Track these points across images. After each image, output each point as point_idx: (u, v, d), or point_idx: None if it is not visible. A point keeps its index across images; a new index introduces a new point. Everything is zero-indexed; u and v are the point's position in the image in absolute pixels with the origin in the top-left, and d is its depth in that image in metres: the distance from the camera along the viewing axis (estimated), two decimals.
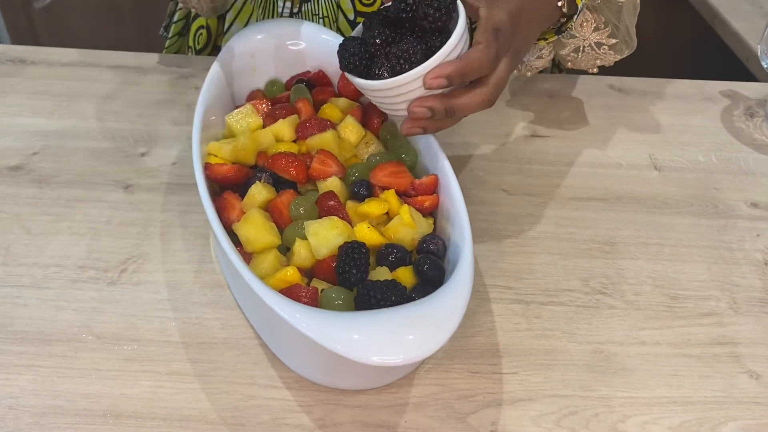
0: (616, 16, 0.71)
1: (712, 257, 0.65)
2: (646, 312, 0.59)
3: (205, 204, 0.52)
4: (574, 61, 0.74)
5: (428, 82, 0.51)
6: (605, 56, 0.72)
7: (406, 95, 0.52)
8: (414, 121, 0.53)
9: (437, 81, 0.50)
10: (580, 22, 0.70)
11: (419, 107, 0.52)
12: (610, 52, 0.72)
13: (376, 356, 0.42)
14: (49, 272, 0.59)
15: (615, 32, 0.71)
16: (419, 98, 0.52)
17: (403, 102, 0.53)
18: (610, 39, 0.71)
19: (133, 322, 0.56)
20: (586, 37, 0.71)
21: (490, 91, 0.53)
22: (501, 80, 0.53)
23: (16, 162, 0.70)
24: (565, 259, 0.63)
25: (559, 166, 0.74)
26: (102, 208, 0.65)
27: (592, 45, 0.71)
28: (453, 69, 0.51)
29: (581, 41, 0.71)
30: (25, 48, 0.87)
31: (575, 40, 0.71)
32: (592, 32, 0.71)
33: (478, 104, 0.53)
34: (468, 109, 0.53)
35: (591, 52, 0.72)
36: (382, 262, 0.52)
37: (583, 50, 0.72)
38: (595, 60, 0.73)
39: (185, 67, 0.84)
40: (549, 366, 0.55)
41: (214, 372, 0.53)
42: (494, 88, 0.53)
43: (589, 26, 0.70)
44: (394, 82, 0.51)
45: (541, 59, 0.74)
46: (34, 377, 0.51)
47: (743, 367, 0.55)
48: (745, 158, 0.77)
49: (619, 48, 0.72)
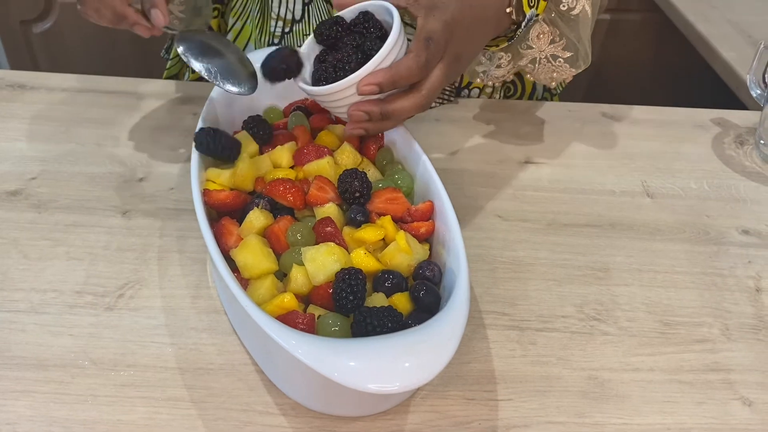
0: (571, 31, 0.73)
1: (705, 284, 0.65)
2: (639, 338, 0.60)
3: (203, 230, 0.53)
4: (532, 72, 0.76)
5: (361, 89, 0.55)
6: (561, 69, 0.75)
7: (344, 100, 0.57)
8: (354, 123, 0.58)
9: (369, 88, 0.55)
10: (537, 34, 0.72)
11: (357, 111, 0.57)
12: (565, 65, 0.74)
13: (372, 383, 0.42)
14: (47, 297, 0.59)
15: (570, 46, 0.73)
16: (357, 103, 0.57)
17: (344, 106, 0.58)
18: (565, 52, 0.73)
19: (130, 347, 0.56)
20: (543, 49, 0.73)
21: (423, 95, 0.57)
22: (434, 86, 0.57)
23: (15, 187, 0.70)
24: (559, 285, 0.64)
25: (554, 193, 0.75)
26: (100, 234, 0.66)
27: (548, 57, 0.73)
28: (383, 77, 0.55)
29: (537, 53, 0.73)
30: (24, 73, 0.88)
31: (532, 52, 0.73)
32: (548, 45, 0.73)
33: (411, 108, 0.57)
34: (403, 112, 0.57)
35: (547, 65, 0.74)
36: (378, 288, 0.52)
37: (539, 62, 0.74)
38: (552, 73, 0.75)
39: (184, 93, 0.85)
40: (544, 392, 0.55)
41: (211, 398, 0.53)
42: (427, 93, 0.57)
43: (545, 38, 0.72)
44: (330, 88, 0.56)
45: (501, 69, 0.75)
46: (31, 403, 0.51)
47: (736, 394, 0.56)
48: (736, 185, 0.78)
49: (574, 61, 0.74)
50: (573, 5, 0.71)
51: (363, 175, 0.58)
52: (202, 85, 0.89)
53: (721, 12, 1.31)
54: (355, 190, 0.57)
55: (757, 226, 0.72)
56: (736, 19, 1.28)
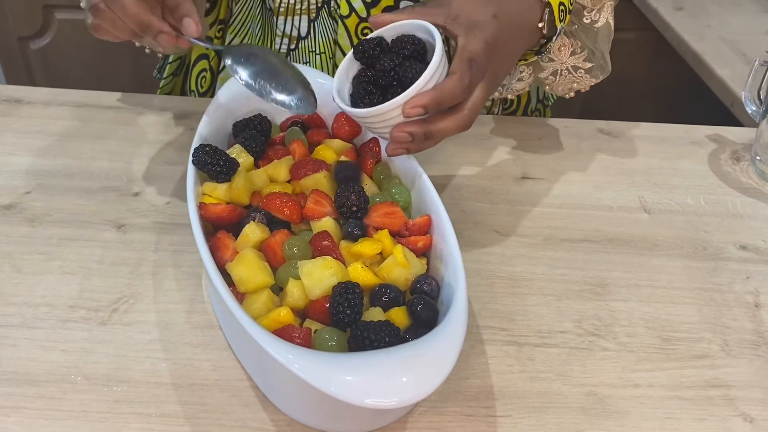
0: (592, 42, 0.74)
1: (703, 299, 0.65)
2: (638, 354, 0.59)
3: (198, 243, 0.52)
4: (552, 84, 0.77)
5: (406, 112, 0.55)
6: (581, 80, 0.76)
7: (388, 121, 0.57)
8: (396, 144, 0.57)
9: (415, 111, 0.54)
10: (558, 47, 0.74)
11: (401, 132, 0.56)
12: (586, 75, 0.75)
13: (369, 398, 0.42)
14: (39, 312, 0.59)
15: (591, 57, 0.74)
16: (401, 124, 0.56)
17: (387, 127, 0.57)
18: (586, 63, 0.74)
19: (124, 362, 0.55)
20: (564, 60, 0.74)
21: (465, 116, 0.57)
22: (476, 106, 0.57)
23: (9, 201, 0.70)
24: (557, 300, 0.64)
25: (551, 208, 0.75)
26: (94, 248, 0.65)
27: (569, 69, 0.75)
28: (428, 99, 0.54)
29: (559, 65, 0.75)
30: (21, 88, 0.87)
31: (553, 64, 0.74)
32: (569, 56, 0.74)
33: (453, 129, 0.57)
34: (445, 133, 0.57)
35: (568, 76, 0.75)
36: (375, 302, 0.52)
37: (560, 74, 0.75)
38: (572, 83, 0.76)
39: (180, 109, 0.85)
40: (543, 409, 0.54)
41: (205, 414, 0.52)
42: (469, 113, 0.57)
43: (566, 51, 0.74)
44: (375, 110, 0.56)
45: (522, 81, 0.76)
46: (21, 419, 0.50)
47: (737, 410, 0.55)
48: (733, 201, 0.78)
49: (594, 72, 0.76)
50: (596, 18, 0.72)
51: (360, 189, 0.58)
52: (198, 100, 0.89)
53: (715, 30, 1.32)
54: (352, 204, 0.57)
55: (755, 242, 0.72)
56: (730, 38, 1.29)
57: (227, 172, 0.59)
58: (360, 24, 0.80)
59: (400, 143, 0.57)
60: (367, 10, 0.79)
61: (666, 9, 1.41)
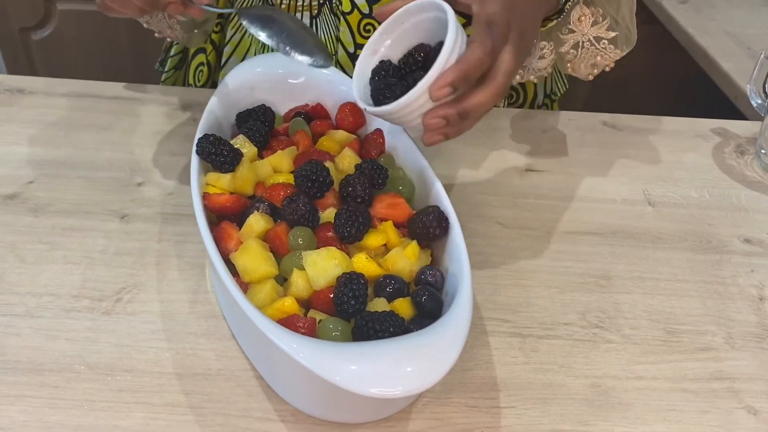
0: (614, 9, 0.70)
1: (707, 292, 0.65)
2: (642, 346, 0.59)
3: (202, 232, 0.52)
4: (573, 61, 0.72)
5: (434, 95, 0.51)
6: (605, 52, 0.71)
7: (417, 110, 0.53)
8: (432, 131, 0.53)
9: (443, 91, 0.50)
10: (578, 16, 0.69)
11: (433, 119, 0.52)
12: (610, 46, 0.70)
13: (374, 388, 0.42)
14: (43, 301, 0.58)
15: (614, 25, 0.70)
16: (431, 110, 0.52)
17: (418, 117, 0.53)
18: (609, 32, 0.69)
19: (127, 352, 0.55)
20: (585, 32, 0.70)
21: (499, 83, 0.52)
22: (508, 70, 0.53)
23: (12, 190, 0.69)
24: (561, 292, 0.63)
25: (554, 201, 0.74)
26: (97, 238, 0.65)
27: (591, 40, 0.70)
28: (454, 75, 0.50)
29: (580, 36, 0.70)
30: (23, 78, 0.87)
31: (574, 36, 0.70)
32: (590, 27, 0.69)
33: (489, 100, 0.53)
34: (481, 107, 0.53)
35: (590, 48, 0.70)
36: (380, 293, 0.52)
37: (582, 46, 0.70)
38: (596, 57, 0.71)
39: (183, 99, 0.85)
40: (547, 400, 0.54)
41: (209, 404, 0.52)
42: (503, 80, 0.53)
43: (587, 20, 0.69)
44: (401, 103, 0.52)
45: (543, 59, 0.72)
46: (25, 408, 0.50)
47: (741, 403, 0.55)
48: (737, 194, 0.78)
49: (619, 42, 0.70)
50: None
51: (365, 180, 0.58)
52: (202, 91, 0.88)
53: (719, 24, 1.31)
54: (357, 195, 0.57)
55: (759, 235, 0.72)
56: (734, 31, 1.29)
57: (231, 163, 0.59)
58: (362, 20, 0.79)
59: (436, 130, 0.53)
60: (370, 6, 0.78)
61: (670, 2, 1.40)
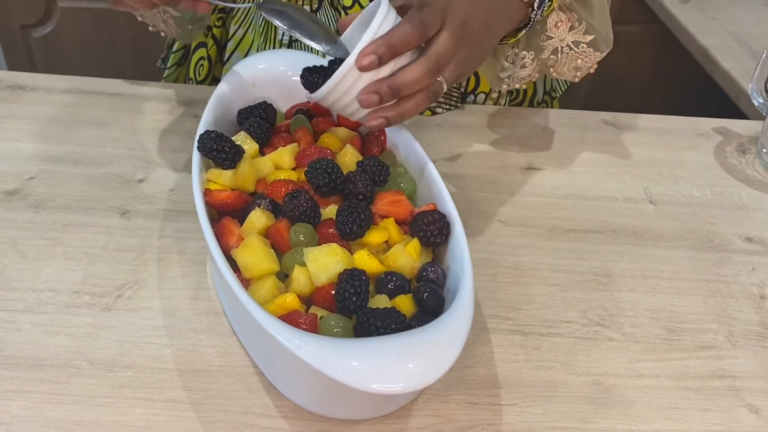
0: (589, 14, 0.71)
1: (709, 290, 0.65)
2: (644, 344, 0.59)
3: (204, 228, 0.52)
4: (555, 65, 0.73)
5: (359, 63, 0.52)
6: (584, 55, 0.72)
7: (352, 89, 0.54)
8: (373, 114, 0.54)
9: (367, 59, 0.51)
10: (555, 23, 0.70)
11: (365, 94, 0.53)
12: (588, 49, 0.72)
13: (376, 384, 0.41)
14: (44, 297, 0.58)
15: (590, 29, 0.71)
16: (364, 87, 0.54)
17: (355, 99, 0.54)
18: (587, 36, 0.71)
19: (128, 348, 0.55)
20: (563, 37, 0.71)
21: (430, 58, 0.54)
22: (442, 49, 0.54)
23: (13, 186, 0.69)
24: (563, 290, 0.63)
25: (556, 199, 0.74)
26: (98, 234, 0.65)
27: (570, 44, 0.71)
28: (378, 44, 0.52)
29: (558, 42, 0.71)
30: (24, 74, 0.87)
31: (552, 42, 0.71)
32: (568, 32, 0.71)
33: (421, 76, 0.54)
34: (413, 82, 0.54)
35: (570, 52, 0.72)
36: (381, 290, 0.52)
37: (561, 51, 0.72)
38: (576, 60, 0.72)
39: (185, 96, 0.85)
40: (548, 398, 0.54)
41: (210, 400, 0.52)
42: (435, 56, 0.54)
43: (564, 26, 0.70)
44: (332, 80, 0.53)
45: (526, 68, 0.73)
46: (26, 403, 0.50)
47: (742, 401, 0.55)
48: (738, 193, 0.78)
49: (596, 45, 0.72)
50: None
51: (366, 177, 0.57)
52: (203, 88, 0.88)
53: (721, 23, 1.31)
54: (359, 192, 0.57)
55: (761, 234, 0.72)
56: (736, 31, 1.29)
57: (233, 159, 0.59)
58: None
59: (373, 109, 0.54)
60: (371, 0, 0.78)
61: (672, 2, 1.40)
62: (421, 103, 0.56)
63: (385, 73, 0.54)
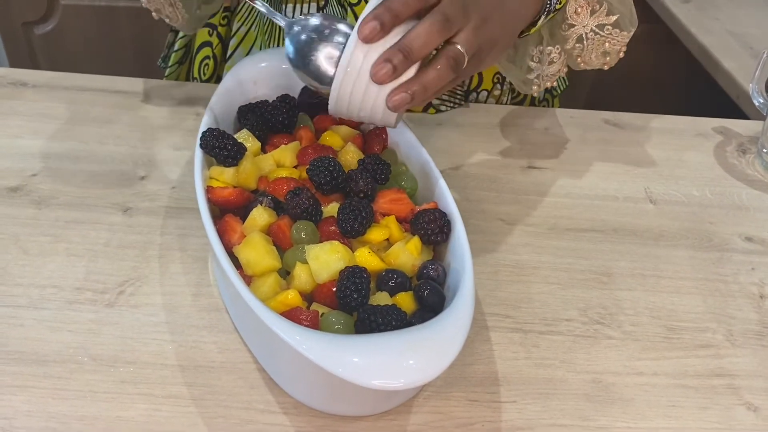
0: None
1: (708, 290, 0.65)
2: (643, 343, 0.59)
3: (206, 225, 0.52)
4: (582, 54, 0.71)
5: (363, 34, 0.49)
6: (611, 37, 0.70)
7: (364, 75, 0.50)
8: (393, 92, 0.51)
9: (368, 27, 0.49)
10: (575, 9, 0.68)
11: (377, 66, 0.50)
12: (615, 30, 0.69)
13: (376, 380, 0.42)
14: (46, 293, 0.59)
15: (612, 9, 0.69)
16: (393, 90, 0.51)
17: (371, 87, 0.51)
18: (610, 17, 0.68)
19: (130, 344, 0.55)
20: (585, 23, 0.69)
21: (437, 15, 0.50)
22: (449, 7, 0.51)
23: (16, 183, 0.70)
24: (563, 288, 0.64)
25: (556, 198, 0.75)
26: (100, 230, 0.65)
27: (594, 29, 0.69)
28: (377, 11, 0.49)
29: (581, 29, 0.69)
30: (26, 71, 0.87)
31: (575, 29, 0.69)
32: (589, 17, 0.69)
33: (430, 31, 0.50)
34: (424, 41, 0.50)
35: (595, 38, 0.69)
36: (382, 287, 0.52)
37: (586, 37, 0.69)
38: (604, 44, 0.70)
39: (187, 93, 0.85)
40: (548, 395, 0.54)
41: (211, 396, 0.52)
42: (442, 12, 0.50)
43: (585, 11, 0.68)
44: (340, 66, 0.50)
45: (554, 64, 0.71)
46: (29, 398, 0.51)
47: (741, 399, 0.55)
48: (738, 193, 0.78)
49: (622, 23, 0.69)
50: None
51: (367, 175, 0.58)
52: (205, 86, 0.88)
53: (722, 23, 1.32)
54: (360, 190, 0.57)
55: (761, 234, 0.72)
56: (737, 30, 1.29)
57: (235, 156, 0.59)
58: None
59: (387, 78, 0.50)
60: None
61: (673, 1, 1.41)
62: (444, 72, 0.52)
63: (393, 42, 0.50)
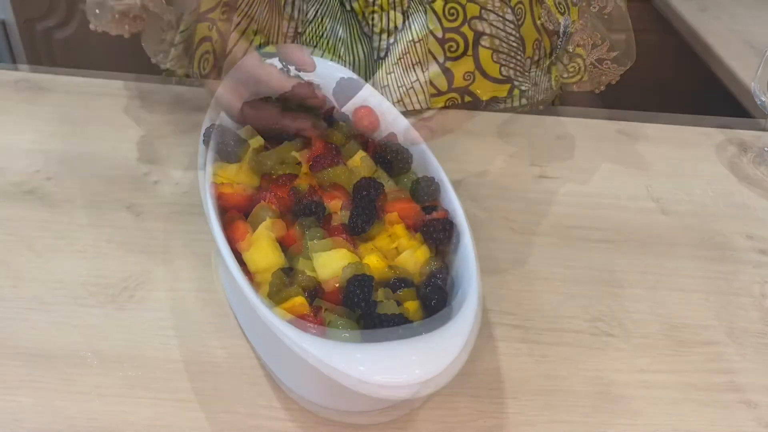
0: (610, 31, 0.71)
1: (711, 289, 0.65)
2: (645, 341, 0.60)
3: (212, 226, 0.52)
4: (580, 83, 0.73)
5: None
6: (608, 71, 0.72)
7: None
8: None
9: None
10: (577, 43, 0.70)
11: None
12: (613, 65, 0.72)
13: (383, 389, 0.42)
14: (54, 292, 0.59)
15: (613, 45, 0.71)
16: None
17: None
18: (610, 53, 0.71)
19: (136, 344, 0.55)
20: (586, 56, 0.71)
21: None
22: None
23: (28, 185, 0.70)
24: (566, 287, 0.64)
25: (566, 207, 0.74)
26: (107, 230, 0.65)
27: (594, 63, 0.71)
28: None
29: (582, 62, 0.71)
30: (41, 75, 0.87)
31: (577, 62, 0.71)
32: (591, 50, 0.71)
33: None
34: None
35: (594, 70, 0.72)
36: (389, 295, 0.51)
37: (585, 70, 0.72)
38: (600, 77, 0.72)
39: (194, 95, 0.85)
40: (551, 395, 0.55)
41: (217, 397, 0.52)
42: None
43: (587, 45, 0.70)
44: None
45: (548, 91, 0.74)
46: (36, 396, 0.51)
47: (743, 399, 0.56)
48: (741, 192, 0.78)
49: (621, 60, 0.72)
50: (604, 4, 0.69)
51: (378, 184, 0.58)
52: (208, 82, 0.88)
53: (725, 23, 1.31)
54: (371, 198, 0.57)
55: (763, 233, 0.72)
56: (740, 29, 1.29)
57: (237, 152, 0.59)
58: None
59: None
60: None
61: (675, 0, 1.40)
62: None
63: None
